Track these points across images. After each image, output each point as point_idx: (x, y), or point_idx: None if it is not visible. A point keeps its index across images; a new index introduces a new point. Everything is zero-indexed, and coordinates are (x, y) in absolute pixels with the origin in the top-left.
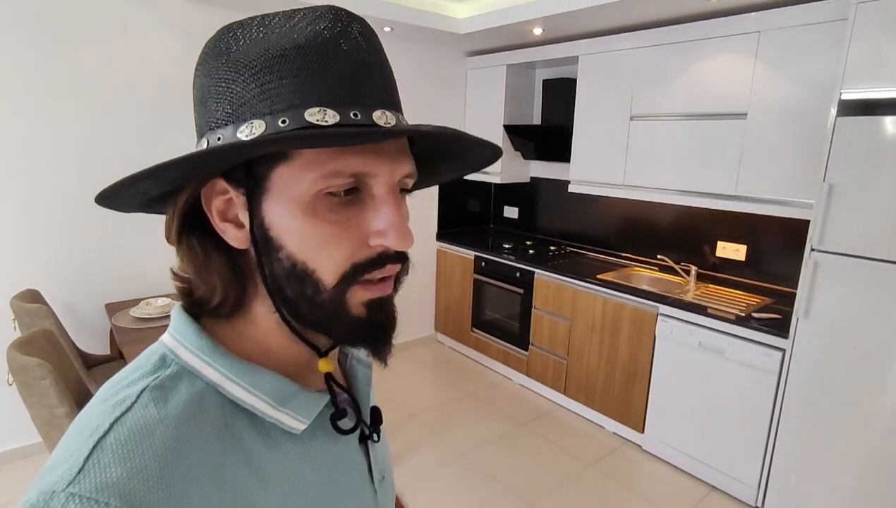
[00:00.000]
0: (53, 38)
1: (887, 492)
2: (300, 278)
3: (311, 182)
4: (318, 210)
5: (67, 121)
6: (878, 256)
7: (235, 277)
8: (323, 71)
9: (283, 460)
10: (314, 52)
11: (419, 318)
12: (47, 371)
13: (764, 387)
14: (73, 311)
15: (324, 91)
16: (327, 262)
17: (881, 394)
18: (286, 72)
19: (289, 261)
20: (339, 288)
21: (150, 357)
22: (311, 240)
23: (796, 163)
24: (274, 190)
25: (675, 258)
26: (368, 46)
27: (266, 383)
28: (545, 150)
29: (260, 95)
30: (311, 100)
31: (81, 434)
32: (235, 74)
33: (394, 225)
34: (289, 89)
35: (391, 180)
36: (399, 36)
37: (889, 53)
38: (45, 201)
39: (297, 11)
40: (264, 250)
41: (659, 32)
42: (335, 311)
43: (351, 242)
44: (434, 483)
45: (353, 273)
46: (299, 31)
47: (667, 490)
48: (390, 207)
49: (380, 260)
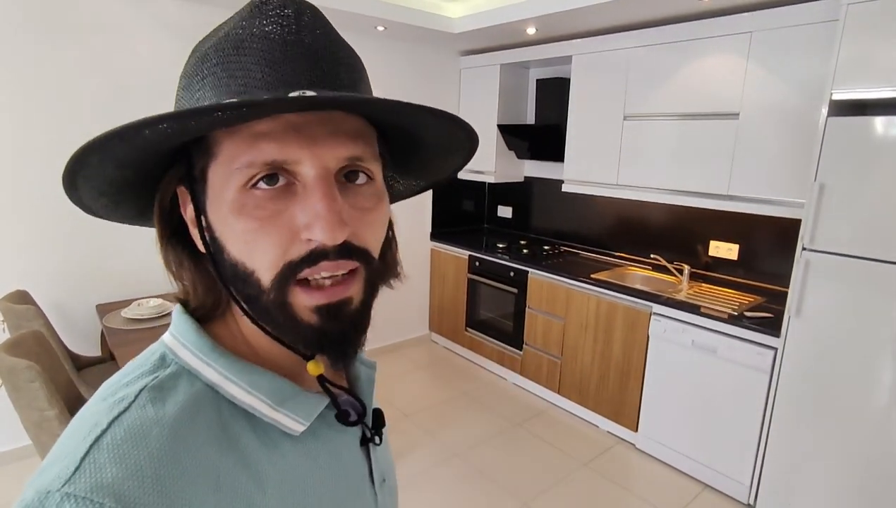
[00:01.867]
0: (43, 37)
1: (878, 489)
2: (243, 279)
3: (233, 177)
4: (245, 206)
5: (57, 120)
6: (869, 255)
7: (206, 283)
8: (237, 60)
9: (281, 462)
10: (230, 43)
11: (413, 318)
12: (37, 373)
13: (756, 386)
14: (63, 312)
15: (240, 80)
16: (262, 261)
17: (872, 392)
18: (207, 71)
19: (230, 262)
20: (278, 290)
21: (150, 356)
22: (242, 239)
23: (788, 162)
24: (211, 190)
25: (668, 257)
26: (295, 25)
27: (265, 383)
28: (539, 150)
29: (190, 101)
30: (226, 93)
31: (79, 433)
32: (181, 86)
33: (319, 215)
34: (210, 88)
35: (320, 165)
36: (392, 35)
37: (879, 54)
38: (35, 201)
39: (241, 8)
40: (215, 252)
41: (651, 32)
42: (283, 316)
43: (280, 238)
44: (429, 483)
45: (286, 272)
46: (226, 26)
47: (660, 489)
48: (316, 196)
49: (311, 256)
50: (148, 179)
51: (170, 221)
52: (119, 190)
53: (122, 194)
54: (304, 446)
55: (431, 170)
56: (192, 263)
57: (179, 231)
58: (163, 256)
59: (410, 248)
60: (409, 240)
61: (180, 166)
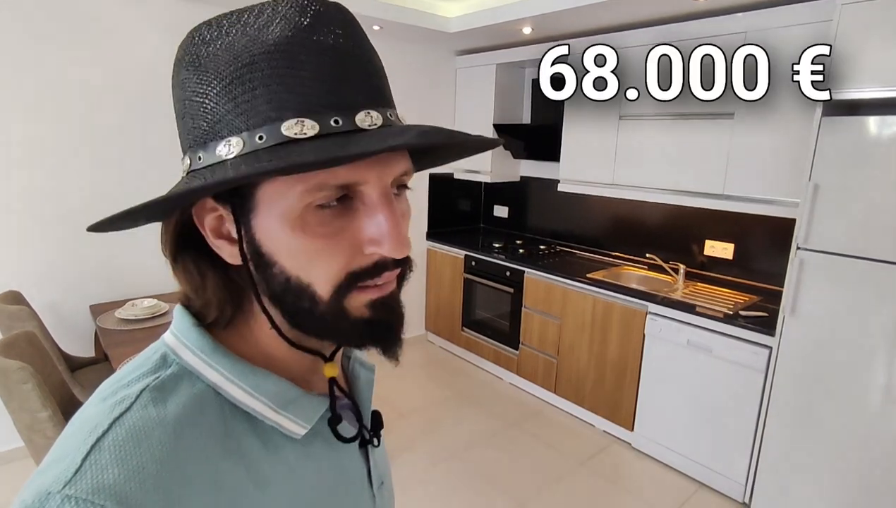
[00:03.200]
0: (39, 38)
1: (872, 488)
2: (296, 293)
3: (297, 196)
4: (308, 224)
5: (51, 120)
6: (863, 254)
7: (231, 294)
8: (295, 74)
9: (282, 464)
10: (284, 54)
11: (409, 318)
12: (29, 374)
13: (751, 385)
14: (56, 313)
15: (300, 97)
16: (321, 275)
17: (866, 391)
18: (257, 81)
19: (283, 276)
20: (336, 298)
21: (151, 356)
22: (303, 254)
23: (782, 162)
24: (261, 206)
25: (663, 257)
26: (345, 37)
27: (268, 386)
28: (535, 150)
29: (234, 110)
30: (287, 110)
31: (80, 434)
32: (207, 88)
33: (387, 233)
34: (263, 100)
35: (383, 184)
36: (389, 34)
37: (873, 54)
38: (28, 200)
39: (267, 6)
40: (258, 266)
41: (647, 32)
42: (336, 319)
43: (344, 253)
44: (425, 483)
45: (348, 282)
46: (267, 31)
47: (656, 488)
48: (383, 214)
49: (376, 268)
50: None
51: (182, 232)
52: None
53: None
54: (304, 449)
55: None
56: (216, 274)
57: (189, 240)
58: (179, 268)
59: None
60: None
61: None
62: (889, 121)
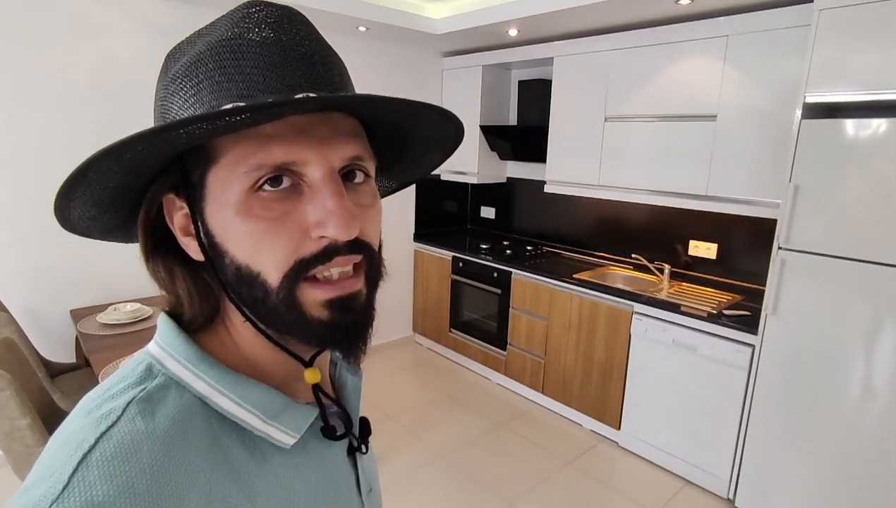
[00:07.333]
0: (16, 37)
1: (854, 483)
2: (248, 282)
3: (238, 180)
4: (252, 208)
5: (29, 121)
6: (842, 254)
7: (203, 292)
8: (237, 66)
9: (271, 474)
10: (227, 49)
11: (397, 319)
12: (7, 381)
13: (735, 383)
14: (35, 318)
15: (241, 86)
16: (269, 261)
17: (846, 388)
18: (202, 75)
19: (234, 265)
20: (288, 288)
21: (136, 367)
22: (249, 240)
23: (764, 164)
24: (211, 195)
25: (649, 257)
26: (292, 33)
27: (256, 396)
28: (521, 151)
29: (184, 104)
30: (227, 97)
31: (65, 450)
32: (169, 90)
33: (332, 212)
34: (207, 91)
35: (327, 165)
36: (374, 36)
37: (850, 58)
38: (4, 202)
39: (224, 15)
40: (215, 258)
41: (631, 35)
42: (290, 312)
43: (290, 238)
44: (413, 485)
45: (296, 269)
46: (217, 32)
47: (643, 485)
48: (326, 194)
49: (325, 253)
50: (147, 185)
51: (153, 232)
52: (116, 198)
53: (115, 204)
54: (293, 458)
55: (407, 172)
56: (185, 272)
57: (163, 241)
58: (150, 268)
59: (393, 249)
60: (392, 241)
61: (171, 174)
62: (867, 123)
